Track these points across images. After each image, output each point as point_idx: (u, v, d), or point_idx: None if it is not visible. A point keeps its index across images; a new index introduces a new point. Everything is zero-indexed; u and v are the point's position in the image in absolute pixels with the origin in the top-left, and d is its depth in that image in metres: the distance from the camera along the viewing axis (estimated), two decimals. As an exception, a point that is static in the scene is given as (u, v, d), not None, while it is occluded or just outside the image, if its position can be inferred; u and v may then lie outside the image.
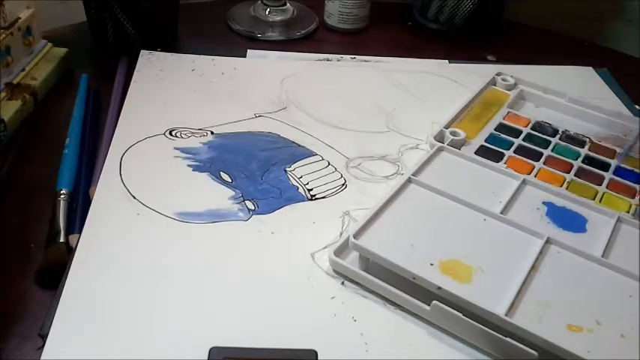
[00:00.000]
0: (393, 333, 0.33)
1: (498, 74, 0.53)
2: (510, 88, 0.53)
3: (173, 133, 0.46)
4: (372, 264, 0.35)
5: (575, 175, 0.44)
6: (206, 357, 0.31)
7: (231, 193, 0.41)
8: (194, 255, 0.37)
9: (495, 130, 0.48)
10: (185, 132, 0.46)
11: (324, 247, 0.37)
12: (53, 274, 0.35)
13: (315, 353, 0.31)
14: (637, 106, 0.53)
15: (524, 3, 0.73)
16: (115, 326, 0.32)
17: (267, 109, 0.50)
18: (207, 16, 0.66)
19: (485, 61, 0.61)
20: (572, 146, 0.47)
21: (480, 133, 0.47)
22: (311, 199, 0.41)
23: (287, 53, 0.58)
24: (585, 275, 0.35)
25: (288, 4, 0.66)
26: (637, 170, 0.45)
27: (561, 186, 0.43)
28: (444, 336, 0.33)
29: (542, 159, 0.45)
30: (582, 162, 0.45)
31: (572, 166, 0.45)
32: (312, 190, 0.42)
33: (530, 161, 0.45)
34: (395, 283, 0.34)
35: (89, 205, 0.39)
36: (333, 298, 0.35)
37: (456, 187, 0.40)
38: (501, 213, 0.39)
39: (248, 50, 0.58)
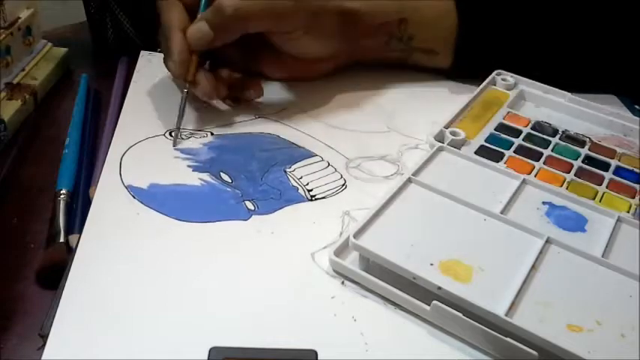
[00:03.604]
0: (393, 333, 0.33)
1: (498, 74, 0.53)
2: (510, 87, 0.53)
3: (173, 134, 0.46)
4: (372, 264, 0.35)
5: (575, 175, 0.44)
6: (206, 357, 0.31)
7: (231, 193, 0.41)
8: (194, 255, 0.36)
9: (495, 130, 0.48)
10: (185, 133, 0.46)
11: (324, 247, 0.37)
12: (53, 274, 0.35)
13: (315, 353, 0.31)
14: (637, 106, 0.53)
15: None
16: (115, 326, 0.32)
17: (267, 110, 0.50)
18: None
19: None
20: (572, 146, 0.47)
21: (480, 133, 0.47)
22: (311, 200, 0.41)
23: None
24: (585, 275, 0.35)
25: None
26: (637, 170, 0.45)
27: (561, 186, 0.43)
28: (444, 336, 0.33)
29: (542, 159, 0.45)
30: (582, 162, 0.45)
31: (572, 166, 0.45)
32: (312, 190, 0.42)
33: (530, 161, 0.45)
34: (395, 283, 0.34)
35: (89, 205, 0.39)
36: (333, 298, 0.35)
37: (455, 187, 0.40)
38: (501, 213, 0.39)
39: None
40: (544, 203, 0.41)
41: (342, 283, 0.36)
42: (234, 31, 0.46)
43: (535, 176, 0.43)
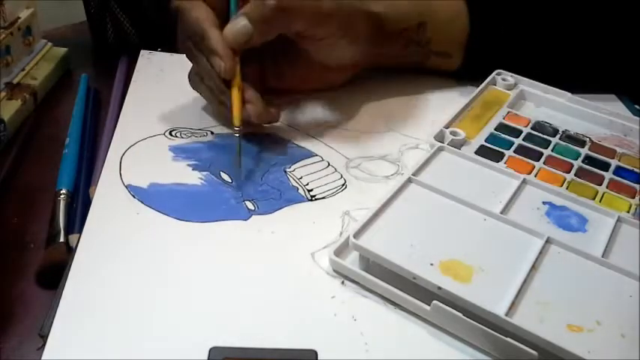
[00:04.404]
0: (393, 333, 0.33)
1: (498, 74, 0.53)
2: (510, 87, 0.53)
3: (173, 133, 0.46)
4: (372, 264, 0.35)
5: (575, 175, 0.44)
6: (206, 357, 0.31)
7: (231, 193, 0.41)
8: (194, 255, 0.36)
9: (495, 129, 0.48)
10: (185, 132, 0.46)
11: (324, 247, 0.37)
12: (53, 274, 0.35)
13: (315, 353, 0.31)
14: (637, 106, 0.53)
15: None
16: (115, 326, 0.32)
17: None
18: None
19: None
20: (572, 146, 0.47)
21: (480, 132, 0.47)
22: (311, 200, 0.41)
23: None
24: (585, 275, 0.35)
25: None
26: (637, 170, 0.45)
27: (561, 186, 0.43)
28: (444, 336, 0.33)
29: (542, 159, 0.45)
30: (582, 162, 0.45)
31: (572, 166, 0.45)
32: (312, 190, 0.42)
33: (530, 161, 0.45)
34: (395, 283, 0.34)
35: (89, 205, 0.39)
36: (333, 297, 0.35)
37: (456, 187, 0.40)
38: (501, 213, 0.39)
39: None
40: (544, 203, 0.41)
41: (342, 283, 0.36)
42: (276, 26, 0.44)
43: (535, 176, 0.43)
